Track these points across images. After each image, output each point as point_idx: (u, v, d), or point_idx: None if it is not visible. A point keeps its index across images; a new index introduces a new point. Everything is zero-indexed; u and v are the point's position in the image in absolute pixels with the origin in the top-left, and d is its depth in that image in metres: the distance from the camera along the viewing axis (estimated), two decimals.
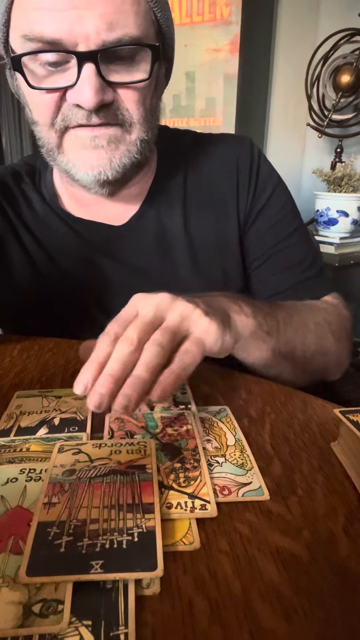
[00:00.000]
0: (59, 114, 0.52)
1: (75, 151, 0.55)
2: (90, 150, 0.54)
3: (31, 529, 0.30)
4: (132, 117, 0.54)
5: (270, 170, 0.69)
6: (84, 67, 0.48)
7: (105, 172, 0.55)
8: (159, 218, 0.66)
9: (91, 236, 0.67)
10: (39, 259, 0.68)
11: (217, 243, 0.67)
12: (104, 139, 0.53)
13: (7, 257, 0.68)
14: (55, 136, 0.54)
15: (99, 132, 0.53)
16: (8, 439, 0.42)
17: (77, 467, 0.36)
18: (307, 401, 0.49)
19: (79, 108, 0.51)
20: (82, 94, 0.49)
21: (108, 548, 0.28)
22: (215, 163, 0.68)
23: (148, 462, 0.37)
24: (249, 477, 0.36)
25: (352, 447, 0.38)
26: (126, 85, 0.51)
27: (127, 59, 0.50)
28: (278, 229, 0.68)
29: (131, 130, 0.55)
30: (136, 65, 0.51)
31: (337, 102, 1.69)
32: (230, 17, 1.74)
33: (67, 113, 0.52)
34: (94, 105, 0.49)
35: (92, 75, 0.48)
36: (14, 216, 0.68)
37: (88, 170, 0.55)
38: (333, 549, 0.30)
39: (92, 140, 0.53)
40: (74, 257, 0.67)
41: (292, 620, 0.26)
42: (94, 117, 0.51)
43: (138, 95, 0.53)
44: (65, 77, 0.50)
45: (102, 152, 0.54)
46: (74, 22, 0.46)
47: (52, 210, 0.68)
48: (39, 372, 0.56)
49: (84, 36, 0.47)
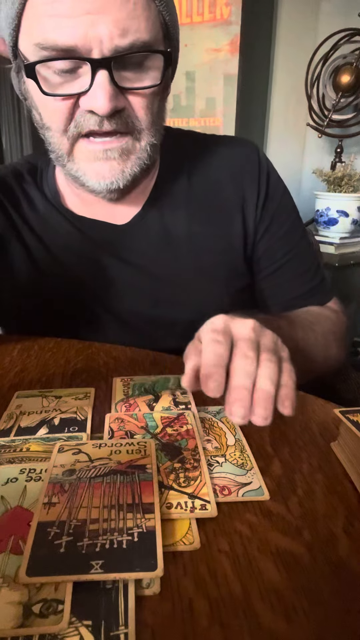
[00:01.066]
0: (72, 121, 0.53)
1: (87, 162, 0.55)
2: (102, 162, 0.55)
3: (31, 529, 0.30)
4: (142, 124, 0.54)
5: (277, 179, 0.70)
6: (97, 73, 0.48)
7: (117, 182, 0.56)
8: (161, 218, 0.66)
9: (93, 234, 0.67)
10: (40, 257, 0.68)
11: (220, 245, 0.68)
12: (116, 151, 0.54)
13: (8, 255, 0.68)
14: (67, 143, 0.54)
15: (110, 145, 0.53)
16: (8, 439, 0.42)
17: (77, 467, 0.36)
18: (307, 401, 0.49)
19: (91, 114, 0.51)
20: (97, 100, 0.49)
21: (108, 548, 0.28)
22: (220, 166, 0.68)
23: (148, 462, 0.37)
24: (249, 477, 0.36)
25: (352, 447, 0.38)
26: (136, 91, 0.52)
27: (138, 65, 0.51)
28: (287, 238, 0.69)
29: (140, 138, 0.55)
30: (146, 71, 0.51)
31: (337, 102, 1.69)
32: (230, 17, 1.74)
33: (79, 120, 0.52)
34: (108, 111, 0.49)
35: (105, 82, 0.48)
36: (15, 214, 0.67)
37: (100, 180, 0.56)
38: (333, 549, 0.30)
39: (104, 153, 0.54)
40: (76, 255, 0.67)
41: (292, 620, 0.26)
42: (106, 123, 0.51)
43: (147, 101, 0.53)
44: (78, 84, 0.50)
45: (114, 164, 0.55)
46: (87, 28, 0.46)
47: (54, 208, 0.68)
48: (39, 372, 0.56)
49: (97, 42, 0.47)
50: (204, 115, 1.92)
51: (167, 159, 0.68)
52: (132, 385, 0.52)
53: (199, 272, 0.67)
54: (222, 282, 0.68)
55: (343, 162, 1.75)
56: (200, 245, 0.67)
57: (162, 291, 0.67)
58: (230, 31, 1.75)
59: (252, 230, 0.68)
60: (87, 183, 0.57)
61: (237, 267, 0.69)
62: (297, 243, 0.70)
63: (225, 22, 1.75)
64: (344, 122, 1.74)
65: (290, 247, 0.69)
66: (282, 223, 0.69)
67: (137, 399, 0.49)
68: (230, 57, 1.78)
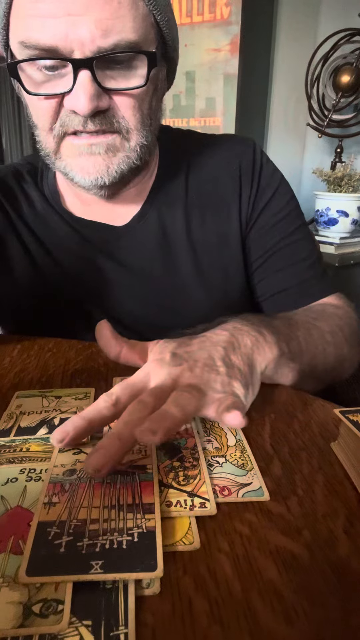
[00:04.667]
0: (57, 120, 0.53)
1: (73, 157, 0.55)
2: (86, 157, 0.54)
3: (31, 529, 0.30)
4: (129, 124, 0.54)
5: (272, 171, 0.69)
6: (79, 73, 0.48)
7: (102, 178, 0.55)
8: (160, 219, 0.66)
9: (92, 236, 0.67)
10: (39, 258, 0.68)
11: (218, 244, 0.67)
12: (101, 146, 0.54)
13: (7, 255, 0.68)
14: (53, 141, 0.55)
15: (95, 140, 0.53)
16: (8, 439, 0.42)
17: (78, 467, 0.36)
18: (307, 401, 0.49)
19: (75, 114, 0.51)
20: (78, 101, 0.49)
21: (108, 548, 0.28)
22: (217, 164, 0.68)
23: (148, 462, 0.37)
24: (249, 478, 0.36)
25: (352, 447, 0.38)
26: (122, 92, 0.51)
27: (124, 64, 0.50)
28: (280, 227, 0.67)
29: (129, 137, 0.55)
30: (133, 71, 0.51)
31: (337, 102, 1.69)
32: (230, 17, 1.74)
33: (64, 119, 0.52)
34: (89, 112, 0.49)
35: (87, 82, 0.48)
36: (14, 215, 0.67)
37: (85, 176, 0.55)
38: (333, 549, 0.30)
39: (89, 148, 0.54)
40: (74, 256, 0.67)
41: (292, 620, 0.26)
42: (90, 123, 0.51)
43: (134, 102, 0.52)
44: (62, 83, 0.50)
45: (98, 159, 0.54)
46: (69, 28, 0.46)
47: (53, 209, 0.68)
48: (39, 372, 0.56)
49: (79, 43, 0.47)
50: (204, 115, 1.92)
51: (166, 159, 0.68)
52: None
53: (197, 274, 0.67)
54: (220, 283, 0.68)
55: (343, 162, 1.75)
56: (199, 245, 0.67)
57: (160, 293, 0.67)
58: (230, 31, 1.75)
59: (244, 224, 0.68)
60: (75, 179, 0.57)
61: (236, 267, 0.69)
62: (290, 233, 0.67)
63: (225, 22, 1.75)
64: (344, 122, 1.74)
65: (282, 237, 0.67)
66: (275, 212, 0.67)
67: None
68: (230, 57, 1.78)
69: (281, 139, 2.04)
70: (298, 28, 1.87)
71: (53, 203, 0.68)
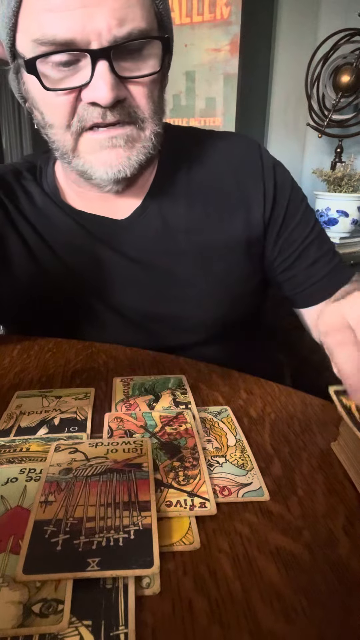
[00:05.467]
0: (75, 115, 0.53)
1: (93, 153, 0.55)
2: (108, 150, 0.55)
3: (28, 527, 0.30)
4: (144, 113, 0.54)
5: (284, 171, 0.70)
6: (97, 64, 0.48)
7: (124, 170, 0.56)
8: (161, 212, 0.66)
9: (93, 229, 0.67)
10: (39, 252, 0.67)
11: (220, 240, 0.67)
12: (122, 138, 0.54)
13: (8, 251, 0.67)
14: (71, 139, 0.55)
15: (115, 132, 0.54)
16: (8, 439, 0.42)
17: (74, 465, 0.36)
18: (307, 401, 0.49)
19: (94, 106, 0.51)
20: (99, 91, 0.49)
21: (104, 546, 0.28)
22: (220, 161, 0.68)
23: (144, 460, 0.37)
24: (249, 478, 0.36)
25: (352, 447, 0.38)
26: (136, 80, 0.52)
27: (136, 54, 0.51)
28: (303, 224, 0.69)
29: (145, 127, 0.55)
30: (145, 59, 0.52)
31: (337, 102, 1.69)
32: (230, 17, 1.74)
33: (82, 113, 0.52)
34: (110, 101, 0.50)
35: (106, 72, 0.48)
36: (13, 210, 0.67)
37: (107, 169, 0.56)
38: (333, 549, 0.30)
39: (110, 140, 0.54)
40: (75, 249, 0.67)
41: (292, 620, 0.26)
42: (109, 114, 0.52)
43: (147, 90, 0.53)
44: (78, 77, 0.50)
45: (120, 151, 0.55)
46: (85, 20, 0.47)
47: (53, 203, 0.68)
48: (39, 372, 0.56)
49: (96, 33, 0.47)
50: (204, 115, 1.92)
51: (166, 153, 0.68)
52: (132, 385, 0.52)
53: (199, 267, 0.67)
54: (223, 275, 0.68)
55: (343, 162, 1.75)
56: (200, 239, 0.67)
57: (161, 286, 0.67)
58: (230, 31, 1.75)
59: (261, 228, 0.68)
60: (95, 175, 0.57)
61: (238, 263, 0.69)
62: (312, 227, 0.70)
63: (225, 22, 1.75)
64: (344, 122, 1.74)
65: (308, 233, 0.69)
66: (296, 212, 0.69)
67: (137, 399, 0.49)
68: (230, 57, 1.78)
69: (281, 139, 2.04)
70: (298, 28, 1.87)
71: (53, 197, 0.68)
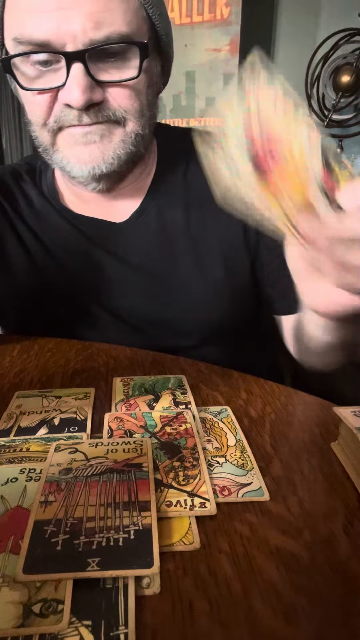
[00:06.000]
0: (52, 115, 0.53)
1: (69, 148, 0.55)
2: (82, 146, 0.54)
3: (28, 527, 0.30)
4: (127, 112, 0.54)
5: None
6: (72, 66, 0.48)
7: (99, 166, 0.55)
8: (159, 215, 0.66)
9: (91, 232, 0.67)
10: (38, 255, 0.68)
11: (218, 241, 0.67)
12: (97, 134, 0.54)
13: (6, 254, 0.68)
14: (48, 135, 0.55)
15: (90, 128, 0.53)
16: (8, 439, 0.42)
17: (74, 465, 0.36)
18: (307, 401, 0.49)
19: (70, 108, 0.51)
20: (71, 94, 0.49)
21: (104, 546, 0.28)
22: None
23: (144, 460, 0.37)
24: (249, 478, 0.36)
25: (352, 447, 0.38)
26: (116, 83, 0.52)
27: (118, 57, 0.51)
28: None
29: (126, 124, 0.55)
30: (127, 63, 0.51)
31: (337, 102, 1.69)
32: (230, 17, 1.74)
33: (59, 114, 0.52)
34: (82, 104, 0.49)
35: (80, 75, 0.48)
36: (12, 213, 0.68)
37: (82, 166, 0.55)
38: (333, 549, 0.30)
39: (84, 136, 0.54)
40: (73, 253, 0.67)
41: (292, 620, 0.26)
42: (85, 117, 0.51)
43: (130, 92, 0.53)
44: (56, 78, 0.51)
45: (94, 147, 0.54)
46: (61, 22, 0.47)
47: (51, 207, 0.68)
48: (39, 372, 0.56)
49: (71, 36, 0.47)
50: (204, 115, 1.92)
51: (165, 155, 0.68)
52: (132, 385, 0.52)
53: (197, 268, 0.67)
54: (221, 277, 0.68)
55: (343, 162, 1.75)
56: (198, 240, 0.67)
57: (160, 289, 0.67)
58: (230, 31, 1.75)
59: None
60: (72, 171, 0.56)
61: (236, 265, 0.68)
62: None
63: (225, 22, 1.75)
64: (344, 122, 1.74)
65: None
66: None
67: (137, 399, 0.49)
68: (230, 57, 1.78)
69: None
70: (298, 28, 1.87)
71: (52, 200, 0.68)
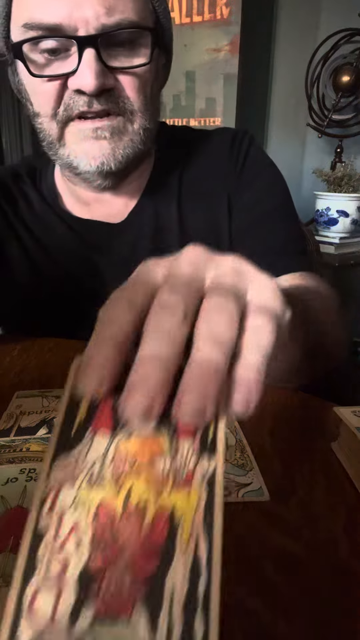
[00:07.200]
0: (61, 104, 0.52)
1: (78, 143, 0.55)
2: (92, 141, 0.54)
3: None
4: (133, 105, 0.54)
5: (258, 156, 0.68)
6: (84, 52, 0.48)
7: (108, 163, 0.55)
8: (156, 212, 0.67)
9: (90, 235, 0.67)
10: (38, 258, 0.68)
11: (210, 233, 0.67)
12: (107, 130, 0.53)
13: (6, 256, 0.68)
14: (56, 127, 0.54)
15: (100, 123, 0.53)
16: (8, 439, 0.42)
17: None
18: (307, 401, 0.49)
19: (80, 95, 0.51)
20: (84, 78, 0.49)
21: None
22: (209, 156, 0.68)
23: None
24: (249, 478, 0.36)
25: (352, 447, 0.38)
26: (126, 71, 0.52)
27: (127, 45, 0.51)
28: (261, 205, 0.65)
29: (133, 120, 0.55)
30: (136, 51, 0.52)
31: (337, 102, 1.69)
32: (230, 17, 1.74)
33: (68, 102, 0.52)
34: (95, 89, 0.49)
35: (92, 60, 0.48)
36: (13, 216, 0.68)
37: (91, 161, 0.55)
38: (333, 549, 0.30)
39: (94, 131, 0.53)
40: (72, 256, 0.67)
41: (292, 620, 0.26)
42: (95, 103, 0.51)
43: (138, 82, 0.53)
44: (66, 65, 0.50)
45: (104, 143, 0.54)
46: (73, 7, 0.47)
47: (51, 209, 0.68)
48: (39, 372, 0.56)
49: (83, 21, 0.47)
50: (204, 115, 1.92)
51: (161, 153, 0.68)
52: None
53: None
54: None
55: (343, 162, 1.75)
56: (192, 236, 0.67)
57: None
58: (230, 31, 1.75)
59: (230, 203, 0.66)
60: (79, 167, 0.56)
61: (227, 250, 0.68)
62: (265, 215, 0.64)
63: (225, 22, 1.75)
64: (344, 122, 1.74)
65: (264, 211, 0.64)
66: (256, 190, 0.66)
67: None
68: (230, 57, 1.78)
69: (281, 139, 2.04)
70: (298, 28, 1.87)
71: (51, 203, 0.68)
